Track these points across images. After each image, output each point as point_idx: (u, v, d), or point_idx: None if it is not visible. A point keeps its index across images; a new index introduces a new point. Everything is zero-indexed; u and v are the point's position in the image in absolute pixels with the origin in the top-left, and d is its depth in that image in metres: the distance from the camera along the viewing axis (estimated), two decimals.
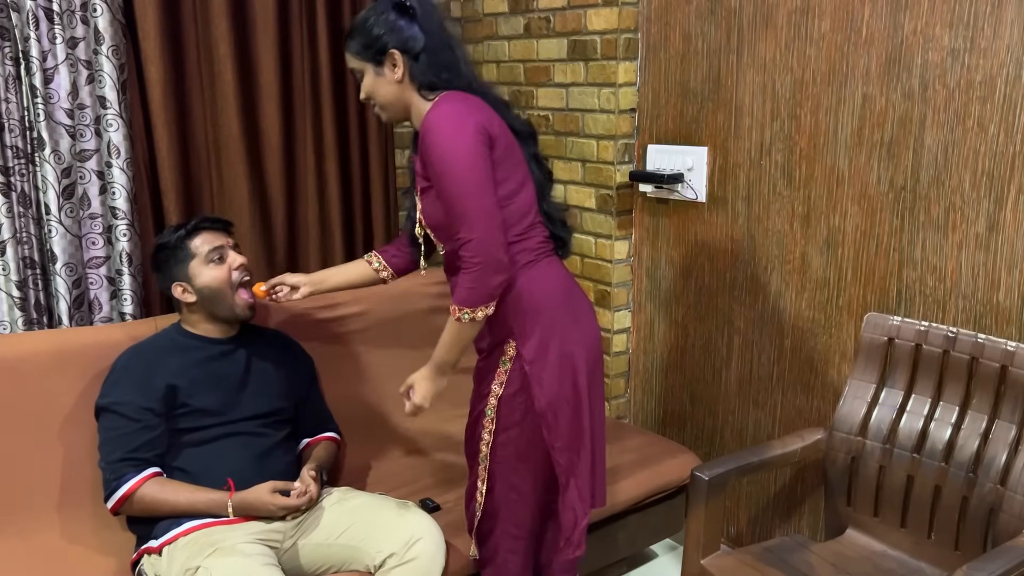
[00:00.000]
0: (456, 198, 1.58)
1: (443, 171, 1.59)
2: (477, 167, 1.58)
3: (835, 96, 2.08)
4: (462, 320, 1.64)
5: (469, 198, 1.57)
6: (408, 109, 1.74)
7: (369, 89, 1.74)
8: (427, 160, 1.62)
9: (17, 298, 2.25)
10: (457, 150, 1.58)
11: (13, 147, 2.20)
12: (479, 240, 1.57)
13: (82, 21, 2.24)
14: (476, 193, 1.58)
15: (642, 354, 2.75)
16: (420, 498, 2.18)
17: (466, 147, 1.58)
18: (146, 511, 1.85)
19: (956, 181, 1.90)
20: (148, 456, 1.87)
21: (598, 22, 2.53)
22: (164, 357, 1.96)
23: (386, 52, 1.68)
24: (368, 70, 1.72)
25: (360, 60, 1.72)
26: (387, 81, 1.71)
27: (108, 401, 1.91)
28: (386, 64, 1.69)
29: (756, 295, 2.36)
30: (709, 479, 1.91)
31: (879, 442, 1.97)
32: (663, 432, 2.72)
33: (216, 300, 1.97)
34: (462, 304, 1.63)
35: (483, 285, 1.61)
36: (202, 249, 1.97)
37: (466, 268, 1.60)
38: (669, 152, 2.49)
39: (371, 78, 1.72)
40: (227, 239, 2.03)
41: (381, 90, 1.72)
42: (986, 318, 1.89)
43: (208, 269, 1.97)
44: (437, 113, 1.62)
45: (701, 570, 1.91)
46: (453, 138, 1.58)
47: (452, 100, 1.65)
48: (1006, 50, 1.77)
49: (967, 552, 1.81)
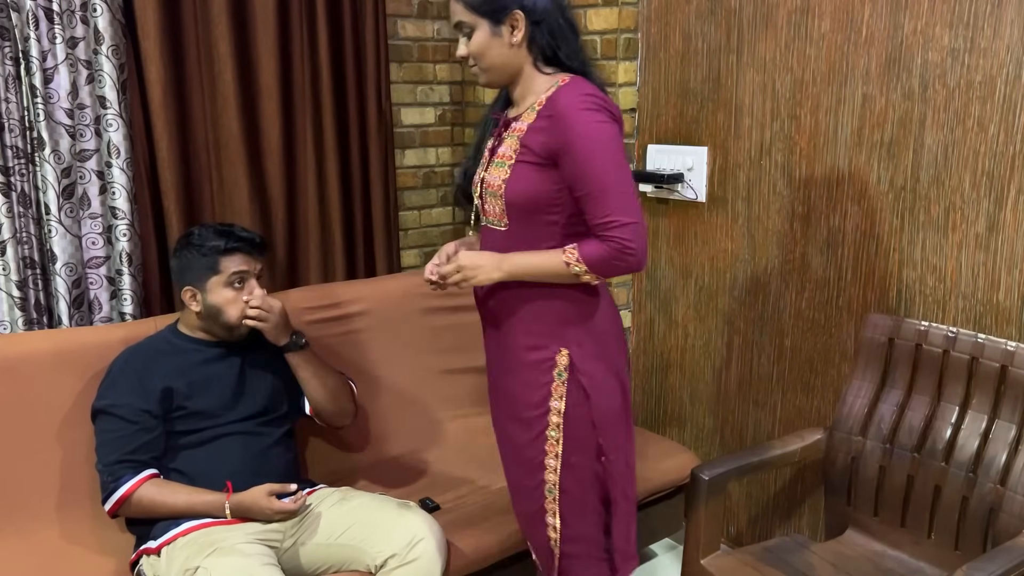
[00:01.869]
0: (614, 184, 1.51)
1: (595, 158, 1.50)
2: (625, 160, 1.55)
3: (835, 96, 2.08)
4: (571, 269, 1.55)
5: (624, 184, 1.52)
6: (516, 76, 1.62)
7: (480, 48, 1.59)
8: (567, 141, 1.51)
9: (17, 298, 2.25)
10: (613, 138, 1.53)
11: (13, 147, 2.19)
12: (639, 227, 1.51)
13: (82, 21, 2.24)
14: (629, 184, 1.54)
15: (642, 354, 2.75)
16: (420, 498, 2.18)
17: (617, 138, 1.54)
18: (144, 513, 1.85)
19: (956, 181, 1.90)
20: (145, 458, 1.87)
21: (598, 22, 2.52)
22: (160, 359, 1.96)
23: (508, 11, 1.55)
24: (482, 27, 1.57)
25: (474, 14, 1.57)
26: (503, 43, 1.57)
27: (105, 404, 1.90)
28: (505, 23, 1.56)
29: (756, 295, 2.36)
30: (709, 479, 1.90)
31: (879, 442, 1.97)
32: (663, 432, 2.72)
33: (217, 319, 1.97)
34: (589, 263, 1.54)
35: (620, 267, 1.54)
36: (229, 269, 1.94)
37: (616, 248, 1.52)
38: (669, 152, 2.49)
39: (484, 36, 1.57)
40: (254, 264, 1.99)
41: (493, 51, 1.58)
42: (986, 318, 1.89)
43: (225, 291, 1.95)
44: (582, 96, 1.53)
45: (701, 570, 1.91)
46: (607, 125, 1.52)
47: (589, 86, 1.56)
48: (1006, 50, 1.77)
49: (967, 552, 1.81)
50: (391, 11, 2.85)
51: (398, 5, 2.88)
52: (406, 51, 2.95)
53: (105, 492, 1.85)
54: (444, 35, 3.02)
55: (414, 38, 2.96)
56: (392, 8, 2.85)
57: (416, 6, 2.94)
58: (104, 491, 1.85)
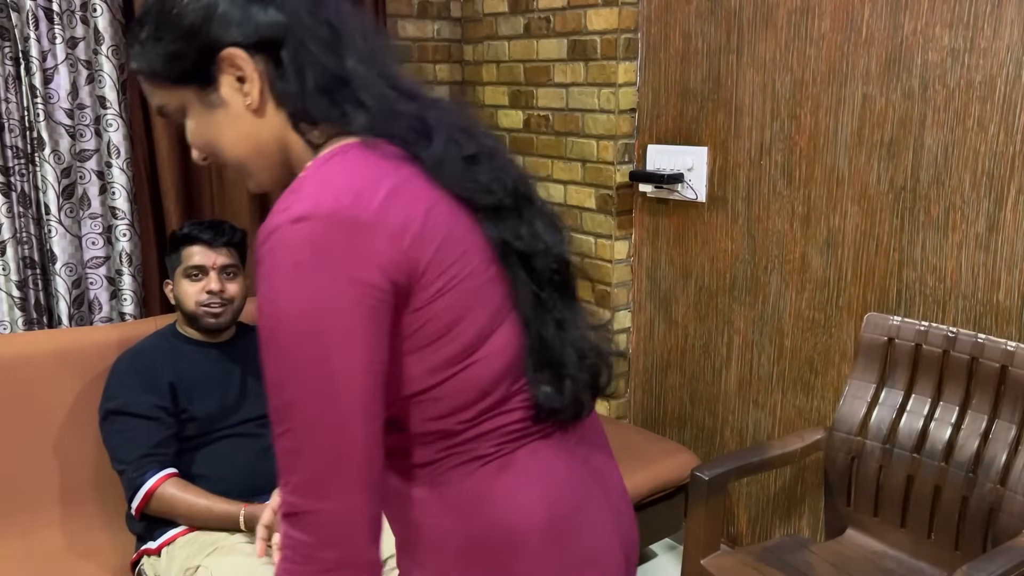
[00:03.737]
0: (298, 424, 0.80)
1: (270, 360, 0.81)
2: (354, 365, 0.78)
3: (835, 96, 2.08)
4: None
5: (322, 422, 0.79)
6: (294, 165, 0.93)
7: (203, 137, 0.94)
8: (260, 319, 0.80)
9: (17, 298, 2.25)
10: (312, 307, 0.77)
11: (13, 147, 2.19)
12: (334, 514, 0.79)
13: (82, 21, 2.24)
14: (339, 419, 0.79)
15: (642, 354, 2.75)
16: None
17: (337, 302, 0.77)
18: (166, 511, 1.82)
19: (956, 181, 1.90)
20: (168, 453, 1.86)
21: (598, 22, 2.52)
22: (163, 358, 1.96)
23: (213, 56, 0.87)
24: (191, 101, 0.92)
25: (169, 86, 0.92)
26: (234, 114, 0.90)
27: (118, 403, 1.88)
28: (221, 80, 0.89)
29: (756, 295, 2.36)
30: (709, 479, 1.90)
31: (879, 442, 1.97)
32: (663, 432, 2.72)
33: (183, 312, 1.99)
34: None
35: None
36: (187, 261, 1.96)
37: (298, 558, 0.80)
38: (669, 152, 2.49)
39: (199, 114, 0.92)
40: (215, 257, 1.95)
41: (226, 134, 0.92)
42: (986, 318, 1.89)
43: (183, 282, 1.97)
44: (284, 218, 0.79)
45: (701, 570, 1.91)
46: (308, 276, 0.77)
47: (335, 170, 0.83)
48: (1006, 50, 1.77)
49: (967, 552, 1.81)
50: (391, 11, 2.85)
51: (398, 5, 2.88)
52: (406, 51, 2.94)
53: (131, 489, 1.81)
54: (444, 35, 3.02)
55: (414, 38, 2.96)
56: (392, 8, 2.85)
57: (416, 6, 2.94)
58: (130, 488, 1.82)
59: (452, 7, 3.04)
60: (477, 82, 3.03)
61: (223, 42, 0.87)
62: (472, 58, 3.03)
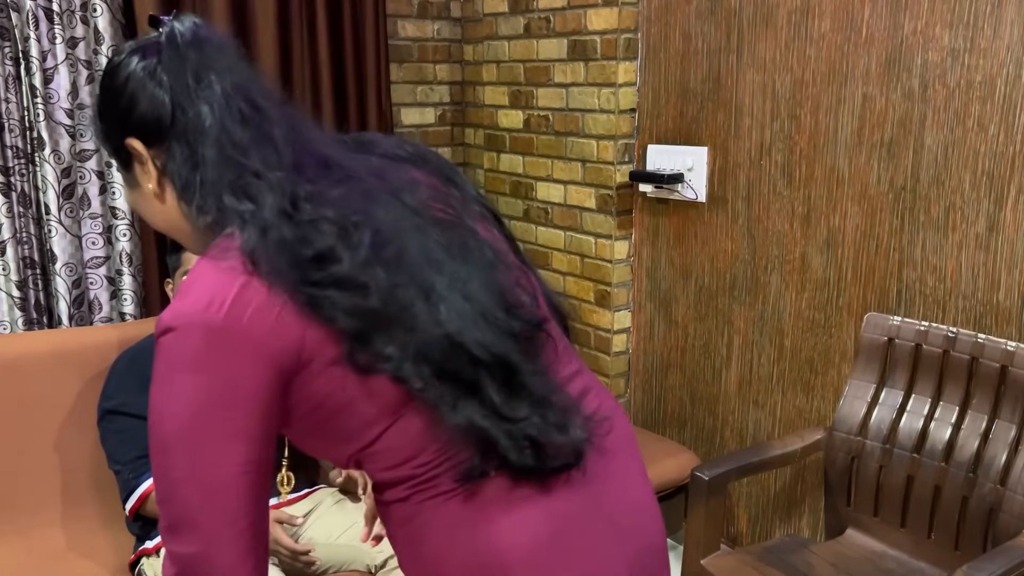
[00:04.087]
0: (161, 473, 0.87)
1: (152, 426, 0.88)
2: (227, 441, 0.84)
3: (835, 96, 2.08)
4: None
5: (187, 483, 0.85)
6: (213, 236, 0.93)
7: (135, 207, 1.01)
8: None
9: (17, 298, 2.25)
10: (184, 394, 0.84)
11: (13, 147, 2.20)
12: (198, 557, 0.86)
13: (82, 21, 2.24)
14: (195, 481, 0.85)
15: (642, 354, 2.75)
16: None
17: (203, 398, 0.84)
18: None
19: (956, 181, 1.90)
20: None
21: (598, 22, 2.52)
22: None
23: (120, 143, 0.94)
24: (123, 173, 0.99)
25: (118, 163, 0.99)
26: (145, 194, 0.96)
27: (116, 403, 1.89)
28: (135, 166, 0.96)
29: (756, 295, 2.36)
30: (709, 479, 1.90)
31: (879, 442, 1.97)
32: (663, 432, 2.72)
33: None
34: None
35: None
36: (187, 263, 1.96)
37: None
38: (669, 152, 2.49)
39: (129, 188, 1.00)
40: None
41: (149, 212, 0.99)
42: (986, 318, 1.89)
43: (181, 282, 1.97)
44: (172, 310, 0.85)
45: (701, 570, 1.91)
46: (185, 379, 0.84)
47: (196, 273, 0.87)
48: (1006, 50, 1.77)
49: (967, 552, 1.81)
50: (391, 11, 2.85)
51: (398, 5, 2.88)
52: (406, 51, 2.95)
53: (126, 491, 1.82)
54: (444, 35, 3.02)
55: (414, 38, 2.96)
56: (392, 8, 2.85)
57: (416, 6, 2.94)
58: (125, 490, 1.82)
59: (452, 7, 3.04)
60: (477, 82, 3.03)
61: (125, 132, 0.93)
62: (472, 58, 3.03)
